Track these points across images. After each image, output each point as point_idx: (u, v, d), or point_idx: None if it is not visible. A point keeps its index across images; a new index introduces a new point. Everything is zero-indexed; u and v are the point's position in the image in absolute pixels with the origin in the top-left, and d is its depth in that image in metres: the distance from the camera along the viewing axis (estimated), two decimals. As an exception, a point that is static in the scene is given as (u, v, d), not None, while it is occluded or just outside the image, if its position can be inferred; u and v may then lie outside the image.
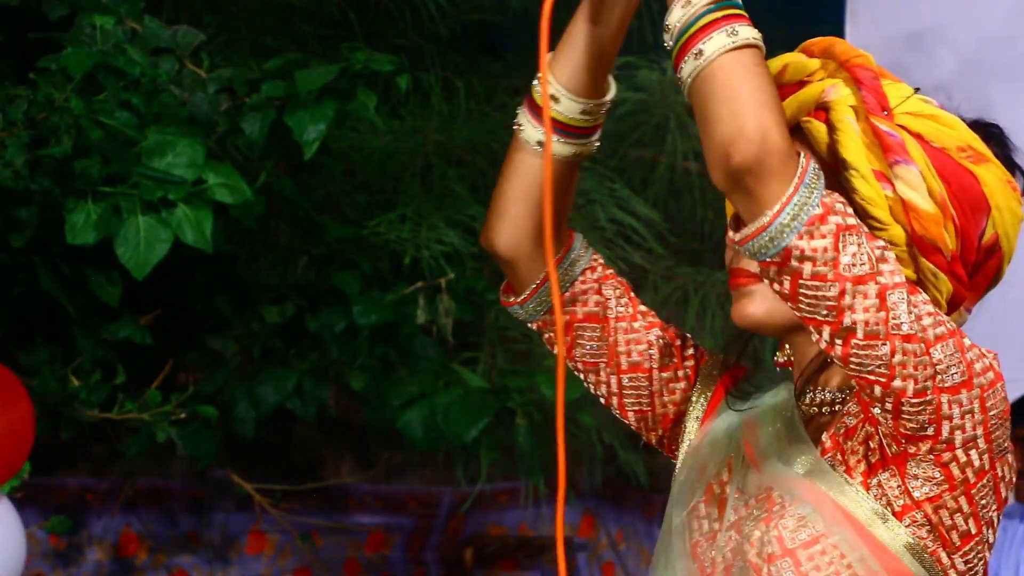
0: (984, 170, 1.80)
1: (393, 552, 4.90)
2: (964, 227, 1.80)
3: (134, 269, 3.36)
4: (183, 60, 3.57)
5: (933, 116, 1.81)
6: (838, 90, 1.80)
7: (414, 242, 4.18)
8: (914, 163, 1.77)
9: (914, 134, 1.78)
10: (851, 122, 1.78)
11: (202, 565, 4.73)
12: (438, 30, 4.67)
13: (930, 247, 1.79)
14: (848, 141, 1.77)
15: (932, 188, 1.77)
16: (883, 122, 1.78)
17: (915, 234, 1.78)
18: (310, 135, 3.51)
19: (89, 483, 4.64)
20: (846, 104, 1.79)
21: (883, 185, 1.77)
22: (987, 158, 1.81)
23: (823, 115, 1.80)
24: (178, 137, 3.41)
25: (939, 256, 1.79)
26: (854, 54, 1.82)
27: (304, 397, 4.07)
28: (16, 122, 3.32)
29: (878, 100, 1.79)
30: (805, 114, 1.81)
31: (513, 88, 4.65)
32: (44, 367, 3.80)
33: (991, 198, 1.81)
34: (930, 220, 1.77)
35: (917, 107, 1.81)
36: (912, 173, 1.77)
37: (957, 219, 1.79)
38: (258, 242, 4.18)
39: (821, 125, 1.79)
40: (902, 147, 1.77)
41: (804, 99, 1.81)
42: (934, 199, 1.77)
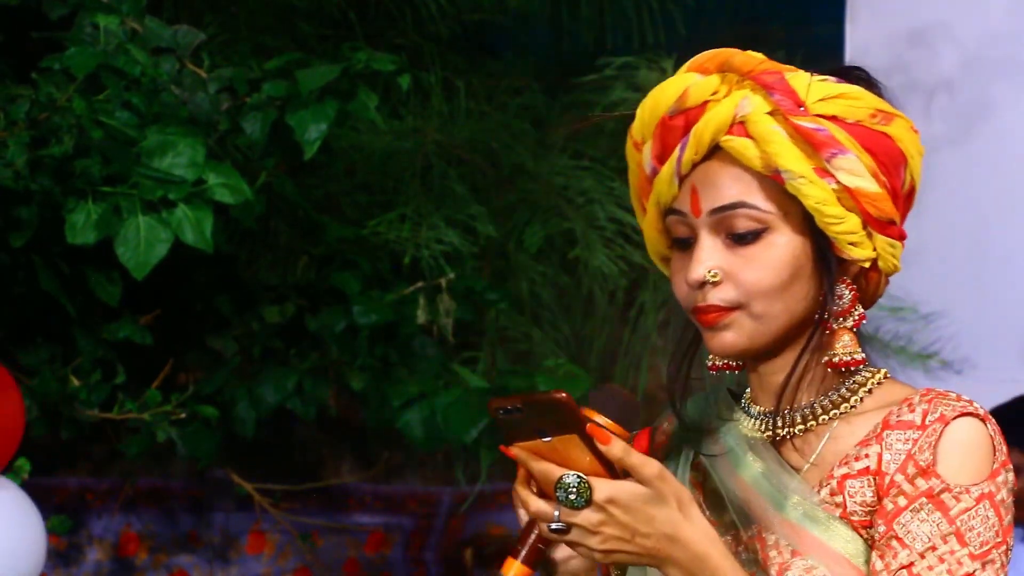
0: (895, 128, 1.81)
1: (393, 552, 4.89)
2: (893, 187, 1.81)
3: (134, 269, 3.36)
4: (183, 60, 3.57)
5: (841, 94, 1.80)
6: (751, 100, 1.78)
7: (414, 242, 4.18)
8: (848, 150, 1.78)
9: (830, 118, 1.78)
10: (777, 130, 1.77)
11: (202, 565, 4.73)
12: (438, 30, 4.67)
13: (884, 223, 1.81)
14: (781, 150, 1.77)
15: (867, 166, 1.78)
16: (804, 119, 1.77)
17: (869, 216, 1.79)
18: (311, 135, 3.51)
19: (89, 483, 4.63)
20: (763, 113, 1.78)
21: (827, 180, 1.77)
22: (893, 114, 1.82)
23: (742, 130, 1.78)
24: (178, 137, 3.41)
25: (893, 228, 1.82)
26: (756, 62, 1.80)
27: (304, 397, 4.07)
28: (17, 122, 3.32)
29: (792, 99, 1.78)
30: (723, 134, 1.79)
31: (513, 88, 4.65)
32: (44, 367, 3.80)
33: (905, 150, 1.82)
34: (880, 199, 1.79)
35: (824, 90, 1.80)
36: (850, 160, 1.78)
37: (888, 183, 1.80)
38: (258, 242, 4.18)
39: (746, 141, 1.78)
40: (832, 139, 1.77)
41: (719, 120, 1.79)
42: (873, 177, 1.78)
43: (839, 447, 1.81)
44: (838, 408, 1.83)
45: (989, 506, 1.73)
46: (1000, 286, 4.83)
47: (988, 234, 4.83)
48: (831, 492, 1.78)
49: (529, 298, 4.45)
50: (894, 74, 4.95)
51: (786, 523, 1.78)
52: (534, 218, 4.44)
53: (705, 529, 1.71)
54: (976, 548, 1.71)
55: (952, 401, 1.78)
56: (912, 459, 1.75)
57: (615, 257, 4.36)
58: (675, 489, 1.70)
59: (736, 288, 1.79)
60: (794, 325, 1.81)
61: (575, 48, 4.74)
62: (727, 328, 1.81)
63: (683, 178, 1.82)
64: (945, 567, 1.71)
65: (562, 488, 1.68)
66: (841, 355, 1.82)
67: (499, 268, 4.50)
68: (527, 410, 1.68)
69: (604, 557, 1.71)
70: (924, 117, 4.88)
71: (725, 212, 1.79)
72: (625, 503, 1.67)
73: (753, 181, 1.79)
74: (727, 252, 1.80)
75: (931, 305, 4.79)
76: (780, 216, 1.79)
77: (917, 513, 1.73)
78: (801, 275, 1.80)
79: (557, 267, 4.51)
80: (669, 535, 1.69)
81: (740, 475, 1.83)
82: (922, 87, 4.88)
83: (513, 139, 4.47)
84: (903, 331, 4.81)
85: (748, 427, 1.87)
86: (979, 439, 1.76)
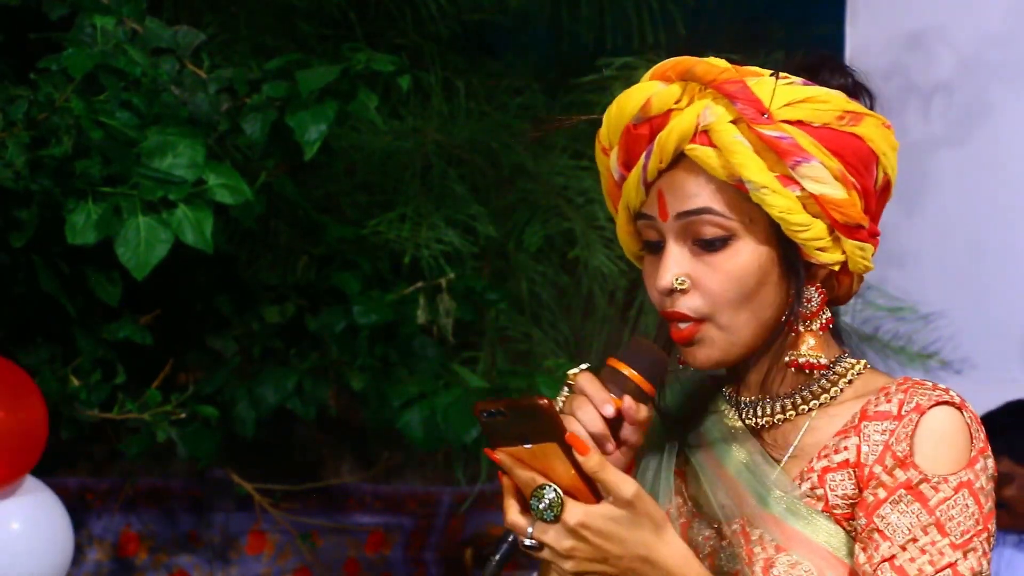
0: (864, 127, 1.82)
1: (393, 552, 4.89)
2: (864, 186, 1.82)
3: (134, 269, 3.36)
4: (183, 60, 3.57)
5: (807, 98, 1.80)
6: (713, 110, 1.79)
7: (414, 241, 4.18)
8: (813, 157, 1.78)
9: (795, 123, 1.78)
10: (740, 140, 1.77)
11: (202, 565, 4.73)
12: (438, 30, 4.67)
13: (852, 228, 1.81)
14: (744, 160, 1.77)
15: (833, 170, 1.78)
16: (767, 127, 1.77)
17: (836, 222, 1.80)
18: (311, 135, 3.51)
19: (89, 483, 4.64)
20: (726, 122, 1.78)
21: (791, 188, 1.78)
22: (863, 114, 1.82)
23: (706, 139, 1.79)
24: (178, 137, 3.41)
25: (861, 231, 1.82)
26: (718, 71, 1.80)
27: (304, 397, 4.07)
28: (16, 122, 3.32)
29: (755, 107, 1.78)
30: (687, 143, 1.79)
31: (513, 88, 4.65)
32: (44, 367, 3.80)
33: (876, 148, 1.83)
34: (845, 205, 1.80)
35: (789, 95, 1.80)
36: (814, 168, 1.78)
37: (857, 184, 1.81)
38: (258, 242, 4.18)
39: (709, 150, 1.78)
40: (796, 147, 1.78)
41: (682, 129, 1.79)
42: (838, 180, 1.79)
43: (818, 438, 1.82)
44: (818, 399, 1.84)
45: (968, 495, 1.74)
46: (999, 286, 4.83)
47: (987, 234, 4.83)
48: (812, 486, 1.79)
49: (529, 298, 4.46)
50: (893, 76, 4.96)
51: (769, 517, 1.79)
52: (534, 218, 4.44)
53: (680, 549, 1.72)
54: (957, 537, 1.72)
55: (928, 390, 1.79)
56: (890, 450, 1.76)
57: (615, 257, 4.36)
58: (649, 510, 1.70)
59: (703, 297, 1.81)
60: (765, 330, 1.83)
61: (575, 48, 4.74)
62: (699, 344, 1.82)
63: (649, 185, 1.84)
64: (927, 558, 1.72)
65: (536, 497, 1.68)
66: (804, 357, 1.84)
67: (499, 268, 4.50)
68: (510, 415, 1.69)
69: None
70: (922, 119, 4.88)
71: (691, 217, 1.80)
72: (596, 527, 1.68)
73: (718, 189, 1.80)
74: (694, 259, 1.81)
75: (931, 305, 4.79)
76: (746, 223, 1.80)
77: (896, 505, 1.74)
78: (768, 282, 1.81)
79: (557, 267, 4.51)
80: (643, 556, 1.70)
81: (725, 467, 1.85)
82: (920, 89, 4.88)
83: (513, 139, 4.47)
84: (903, 331, 4.81)
85: (731, 417, 1.88)
86: (955, 428, 1.77)
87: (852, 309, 4.78)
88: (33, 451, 3.44)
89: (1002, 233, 4.81)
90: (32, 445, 3.43)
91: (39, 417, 3.44)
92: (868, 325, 4.77)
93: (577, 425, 1.76)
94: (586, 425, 1.75)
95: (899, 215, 4.78)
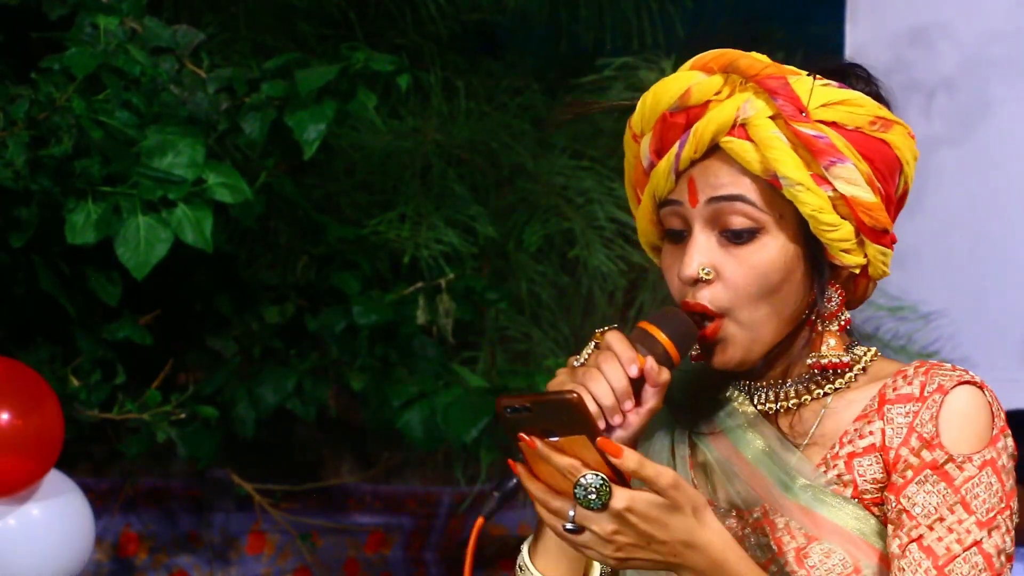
0: (893, 135, 1.83)
1: (393, 552, 4.89)
2: (888, 193, 1.83)
3: (134, 269, 3.36)
4: (183, 60, 3.56)
5: (843, 101, 1.81)
6: (753, 104, 1.79)
7: (413, 241, 4.18)
8: (847, 158, 1.79)
9: (830, 124, 1.79)
10: (778, 135, 1.78)
11: (202, 565, 4.73)
12: (438, 30, 4.67)
13: (878, 232, 1.83)
14: (781, 156, 1.78)
15: (864, 174, 1.80)
16: (805, 125, 1.78)
17: (863, 225, 1.81)
18: (310, 135, 3.51)
19: (89, 483, 4.63)
20: (765, 117, 1.79)
21: (824, 188, 1.79)
22: (893, 121, 1.83)
23: (743, 132, 1.79)
24: (178, 137, 3.41)
25: (886, 237, 1.84)
26: (761, 65, 1.81)
27: (304, 397, 4.07)
28: (17, 121, 3.32)
29: (794, 104, 1.79)
30: (724, 134, 1.80)
31: (513, 88, 4.65)
32: (44, 367, 3.80)
33: (902, 157, 1.84)
34: (875, 208, 1.81)
35: (826, 96, 1.81)
36: (848, 169, 1.79)
37: (883, 190, 1.82)
38: (258, 242, 4.18)
39: (746, 143, 1.79)
40: (832, 147, 1.78)
41: (721, 120, 1.80)
42: (869, 185, 1.80)
43: (837, 423, 1.83)
44: (833, 383, 1.85)
45: (991, 472, 1.75)
46: (1000, 286, 4.83)
47: (988, 233, 4.83)
48: (839, 473, 1.80)
49: (528, 298, 4.45)
50: (894, 74, 4.94)
51: (795, 506, 1.80)
52: (533, 218, 4.44)
53: (721, 534, 1.72)
54: (983, 515, 1.74)
55: (948, 371, 1.81)
56: (915, 431, 1.77)
57: (614, 257, 4.36)
58: (690, 496, 1.70)
59: (726, 290, 1.81)
60: (785, 328, 1.83)
61: (574, 48, 4.74)
62: (721, 343, 1.82)
63: (680, 173, 1.84)
64: (954, 537, 1.73)
65: (582, 487, 1.68)
66: (827, 358, 1.84)
67: (499, 268, 4.50)
68: (536, 410, 1.68)
69: (619, 564, 1.72)
70: (924, 117, 4.88)
71: (723, 203, 1.80)
72: (642, 512, 1.68)
73: (750, 182, 1.80)
74: (720, 250, 1.81)
75: (931, 305, 4.79)
76: (775, 219, 1.80)
77: (923, 485, 1.75)
78: (791, 279, 1.82)
79: (557, 267, 4.51)
80: (686, 542, 1.69)
81: (742, 453, 1.85)
82: (922, 87, 4.88)
83: (513, 139, 4.47)
84: (903, 331, 4.81)
85: (742, 403, 1.88)
86: (978, 407, 1.78)
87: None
88: (52, 450, 3.45)
89: (1003, 232, 4.81)
90: (51, 444, 3.44)
91: (55, 415, 3.45)
92: (868, 325, 4.77)
93: (656, 332, 1.77)
94: (610, 380, 1.75)
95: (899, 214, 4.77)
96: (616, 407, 1.76)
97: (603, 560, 1.72)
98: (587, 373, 1.77)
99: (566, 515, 1.70)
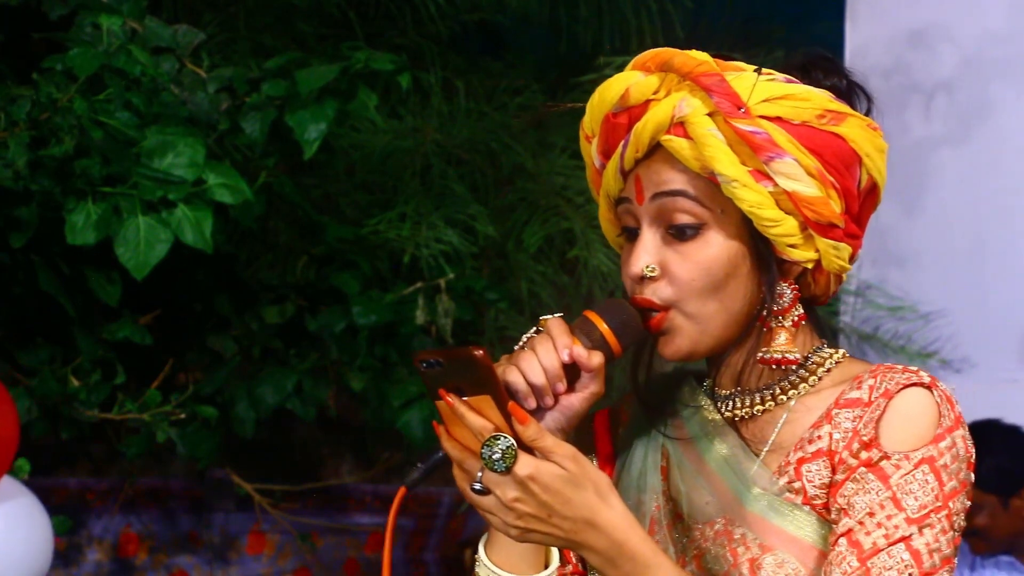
0: (846, 127, 1.81)
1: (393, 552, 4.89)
2: (844, 186, 1.81)
3: (134, 269, 3.36)
4: (183, 60, 3.56)
5: (787, 95, 1.80)
6: (689, 102, 1.79)
7: (413, 241, 4.18)
8: (787, 154, 1.78)
9: (773, 119, 1.79)
10: (713, 133, 1.78)
11: (202, 565, 4.73)
12: (438, 30, 4.67)
13: (825, 226, 1.81)
14: (716, 153, 1.78)
15: (808, 168, 1.79)
16: (743, 121, 1.78)
17: (808, 220, 1.80)
18: (311, 135, 3.51)
19: (89, 483, 4.64)
20: (701, 114, 1.78)
21: (764, 183, 1.78)
22: (845, 114, 1.82)
23: (681, 130, 1.79)
24: (178, 137, 3.41)
25: (835, 231, 1.82)
26: (695, 63, 1.80)
27: (304, 397, 4.07)
28: (18, 122, 3.32)
29: (732, 101, 1.78)
30: (663, 133, 1.80)
31: (513, 88, 4.65)
32: (44, 367, 3.80)
33: (859, 149, 1.82)
34: (818, 203, 1.79)
35: (769, 90, 1.80)
36: (788, 164, 1.78)
37: (837, 184, 1.80)
38: (258, 242, 4.18)
39: (683, 141, 1.79)
40: (770, 142, 1.78)
41: (658, 120, 1.80)
42: (814, 178, 1.79)
43: (795, 430, 1.82)
44: (796, 388, 1.84)
45: (928, 471, 1.73)
46: (1000, 286, 4.83)
47: (988, 233, 4.83)
48: (790, 479, 1.79)
49: (528, 298, 4.45)
50: (893, 74, 4.95)
51: (751, 515, 1.79)
52: (533, 218, 4.44)
53: (625, 516, 1.71)
54: (913, 512, 1.72)
55: (897, 374, 1.79)
56: (857, 435, 1.76)
57: (614, 256, 4.36)
58: (591, 473, 1.70)
59: (671, 285, 1.81)
60: (735, 323, 1.83)
61: (574, 48, 4.74)
62: (668, 334, 1.83)
63: (627, 173, 1.85)
64: (882, 532, 1.72)
65: (488, 447, 1.68)
66: (776, 353, 1.83)
67: (498, 268, 4.50)
68: (447, 365, 1.68)
69: (520, 535, 1.71)
70: (923, 117, 4.88)
71: (665, 198, 1.81)
72: (545, 483, 1.68)
73: (693, 178, 1.80)
74: (665, 247, 1.82)
75: (931, 304, 4.79)
76: (717, 215, 1.80)
77: (858, 483, 1.74)
78: (737, 275, 1.82)
79: (556, 267, 4.51)
80: (588, 520, 1.69)
81: (706, 462, 1.85)
82: (921, 87, 4.88)
83: (513, 139, 4.47)
84: (903, 330, 4.81)
85: (710, 410, 1.88)
86: (922, 407, 1.76)
87: (852, 309, 4.78)
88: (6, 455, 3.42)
89: (1003, 232, 4.81)
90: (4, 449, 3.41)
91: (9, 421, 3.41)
92: (868, 324, 4.77)
93: (600, 322, 1.78)
94: (542, 361, 1.76)
95: (899, 214, 4.77)
96: (547, 387, 1.76)
97: (504, 530, 1.71)
98: (521, 354, 1.78)
99: (474, 475, 1.70)
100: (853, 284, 4.78)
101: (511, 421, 1.68)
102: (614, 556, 1.70)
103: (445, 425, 1.73)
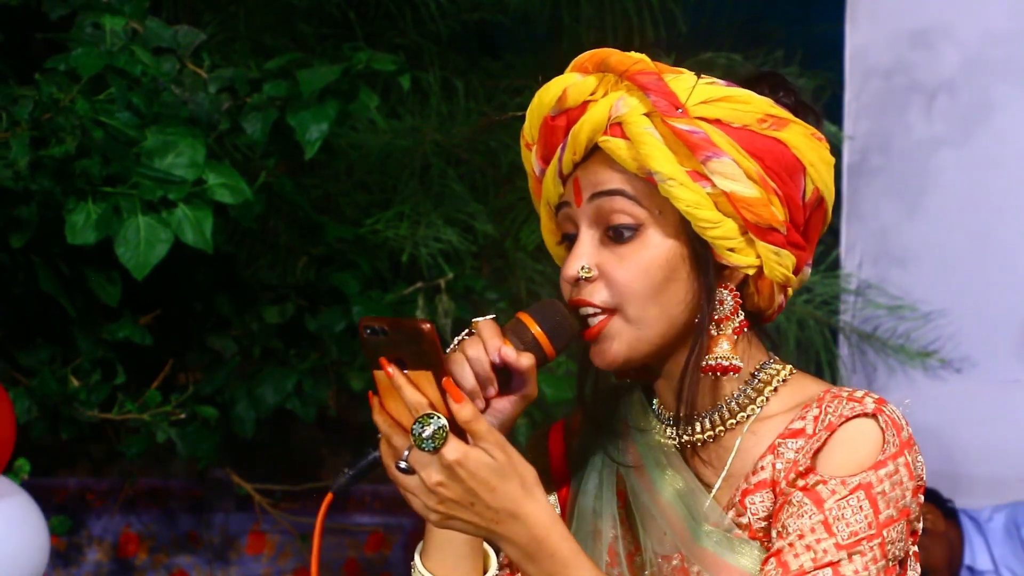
0: (788, 133, 1.79)
1: (393, 552, 4.89)
2: (787, 194, 1.78)
3: (134, 269, 3.36)
4: (184, 60, 3.56)
5: (726, 97, 1.78)
6: (626, 101, 1.77)
7: (412, 240, 4.18)
8: (725, 153, 1.75)
9: (712, 121, 1.76)
10: (650, 131, 1.75)
11: (202, 565, 4.73)
12: (438, 30, 4.67)
13: (765, 230, 1.78)
14: (653, 151, 1.75)
15: (748, 171, 1.76)
16: (680, 121, 1.75)
17: (748, 222, 1.77)
18: (312, 135, 3.51)
19: (89, 483, 4.64)
20: (638, 114, 1.76)
21: (701, 184, 1.75)
22: (787, 120, 1.79)
23: (619, 130, 1.77)
24: (179, 137, 3.41)
25: (775, 235, 1.78)
26: (631, 62, 1.78)
27: (304, 397, 4.07)
28: (20, 122, 3.31)
29: (669, 100, 1.76)
30: (600, 134, 1.78)
31: (513, 88, 4.65)
32: (44, 367, 3.80)
33: (803, 157, 1.79)
34: (758, 204, 1.76)
35: (708, 93, 1.77)
36: (726, 164, 1.75)
37: (779, 190, 1.77)
38: (258, 242, 4.18)
39: (620, 141, 1.77)
40: (708, 141, 1.75)
41: (595, 121, 1.78)
42: (754, 181, 1.76)
43: (746, 461, 1.79)
44: (745, 411, 1.81)
45: (864, 496, 1.70)
46: (1000, 285, 4.82)
47: (988, 233, 4.82)
48: (737, 513, 1.77)
49: (528, 297, 4.45)
50: (894, 75, 4.95)
51: (702, 552, 1.77)
52: (532, 217, 4.43)
53: (548, 512, 1.68)
54: (844, 538, 1.69)
55: (843, 405, 1.75)
56: (796, 465, 1.74)
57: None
58: (519, 465, 1.67)
59: (608, 288, 1.78)
60: (675, 329, 1.79)
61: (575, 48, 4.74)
62: (606, 339, 1.79)
63: (566, 177, 1.82)
64: (810, 555, 1.69)
65: (419, 424, 1.65)
66: (716, 360, 1.79)
67: (498, 267, 4.50)
68: (392, 334, 1.65)
69: (440, 520, 1.70)
70: (924, 118, 4.87)
71: (603, 198, 1.78)
72: (472, 469, 1.65)
73: (630, 179, 1.78)
74: (603, 249, 1.79)
75: (931, 304, 4.78)
76: (655, 215, 1.77)
77: (793, 506, 1.72)
78: (676, 278, 1.78)
79: (555, 266, 4.50)
80: (511, 511, 1.67)
81: (660, 493, 1.82)
82: (923, 87, 4.88)
83: (512, 139, 4.47)
84: (902, 330, 4.80)
85: (661, 433, 1.85)
86: (864, 436, 1.73)
87: (852, 308, 4.77)
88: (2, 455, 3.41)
89: (1003, 232, 4.81)
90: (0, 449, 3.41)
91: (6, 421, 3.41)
92: (868, 324, 4.76)
93: (532, 325, 1.75)
94: (472, 363, 1.73)
95: (900, 214, 4.77)
96: (477, 390, 1.73)
97: (425, 513, 1.69)
98: (451, 356, 1.74)
99: (401, 453, 1.68)
100: (853, 284, 4.78)
101: (447, 399, 1.65)
102: (533, 551, 1.68)
103: (380, 397, 1.70)
